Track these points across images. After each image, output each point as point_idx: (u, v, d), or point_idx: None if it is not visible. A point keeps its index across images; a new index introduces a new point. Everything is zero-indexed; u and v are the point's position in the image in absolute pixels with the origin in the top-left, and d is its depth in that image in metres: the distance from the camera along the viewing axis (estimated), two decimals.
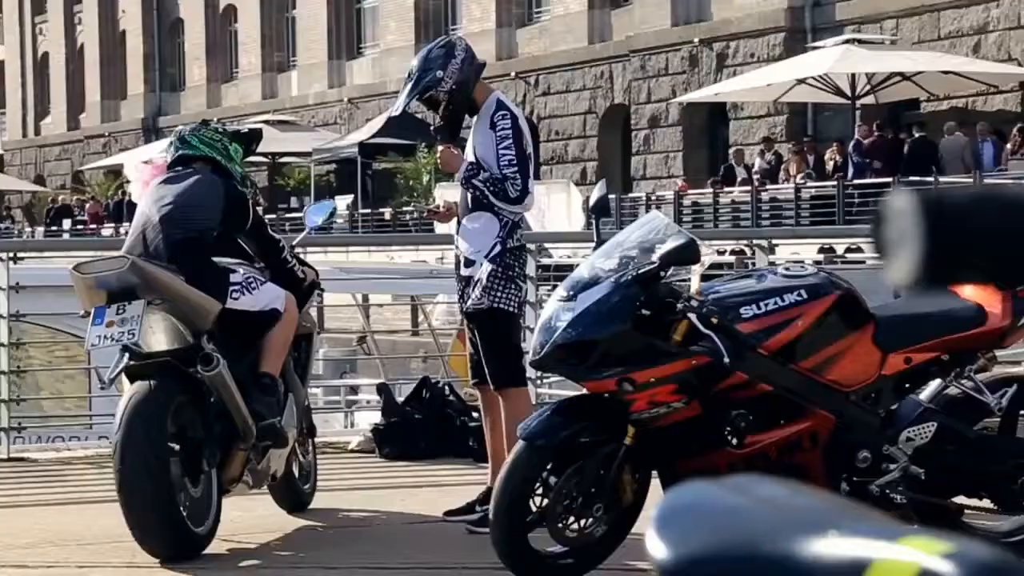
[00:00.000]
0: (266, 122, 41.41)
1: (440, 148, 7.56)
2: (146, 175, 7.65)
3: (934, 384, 6.35)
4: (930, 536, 1.42)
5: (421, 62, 7.40)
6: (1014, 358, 11.10)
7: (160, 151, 7.80)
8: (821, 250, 18.27)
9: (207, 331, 6.78)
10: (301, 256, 7.90)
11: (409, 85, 7.42)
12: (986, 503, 6.38)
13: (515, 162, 7.23)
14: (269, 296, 7.19)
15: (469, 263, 7.35)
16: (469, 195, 7.32)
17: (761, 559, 1.46)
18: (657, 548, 1.49)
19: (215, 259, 7.12)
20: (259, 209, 7.78)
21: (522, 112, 7.71)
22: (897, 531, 1.43)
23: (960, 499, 6.31)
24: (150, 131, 55.31)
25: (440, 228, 15.79)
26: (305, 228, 8.48)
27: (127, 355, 6.67)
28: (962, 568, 1.36)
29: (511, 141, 7.26)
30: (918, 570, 1.38)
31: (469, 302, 7.34)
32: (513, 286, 7.30)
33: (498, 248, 7.27)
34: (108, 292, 6.65)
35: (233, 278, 7.09)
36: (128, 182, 7.95)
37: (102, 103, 59.39)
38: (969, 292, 6.38)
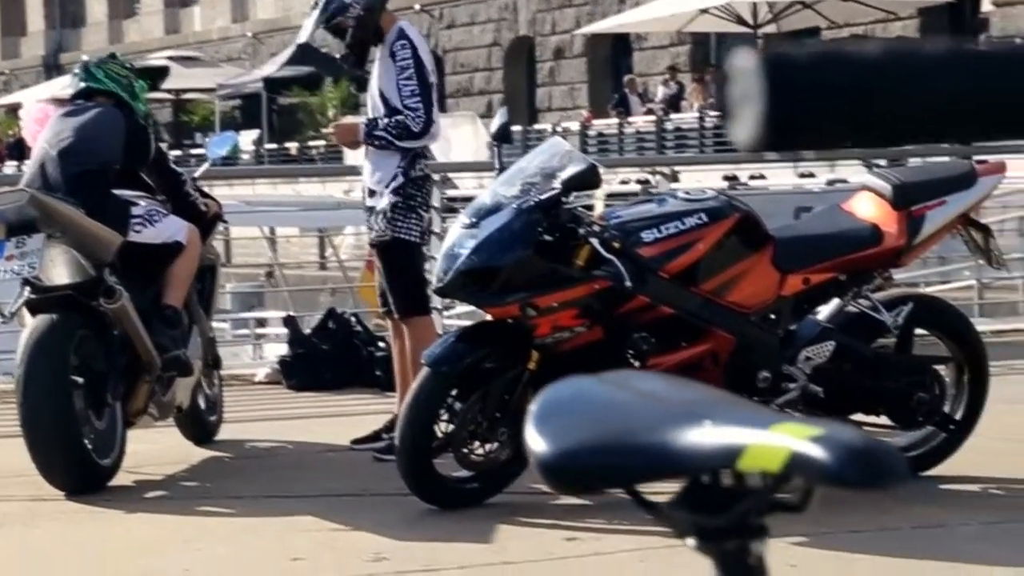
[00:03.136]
0: (170, 58, 41.00)
1: (331, 128, 7.57)
2: (39, 114, 7.59)
3: (832, 304, 6.44)
4: (800, 422, 1.46)
5: None
6: (912, 280, 11.27)
7: (63, 87, 7.75)
8: (725, 178, 18.39)
9: (109, 264, 6.75)
10: (204, 189, 7.87)
11: (316, 12, 7.40)
12: (883, 420, 6.49)
13: (417, 92, 7.21)
14: (171, 228, 7.17)
15: (372, 193, 7.37)
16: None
17: (638, 449, 1.49)
18: (536, 442, 1.52)
19: (116, 192, 7.08)
20: (163, 144, 7.74)
21: (426, 42, 7.68)
22: (769, 418, 1.48)
23: (858, 416, 6.41)
24: (51, 68, 54.57)
25: (348, 159, 15.72)
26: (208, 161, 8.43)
27: (28, 288, 6.64)
28: (829, 450, 1.41)
29: (412, 71, 7.23)
30: (789, 453, 1.43)
31: (373, 233, 7.37)
32: (415, 216, 7.31)
33: (400, 179, 7.27)
34: (7, 225, 6.58)
35: (135, 211, 7.06)
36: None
37: (2, 40, 58.52)
38: (865, 212, 6.47)
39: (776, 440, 1.44)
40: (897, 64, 1.42)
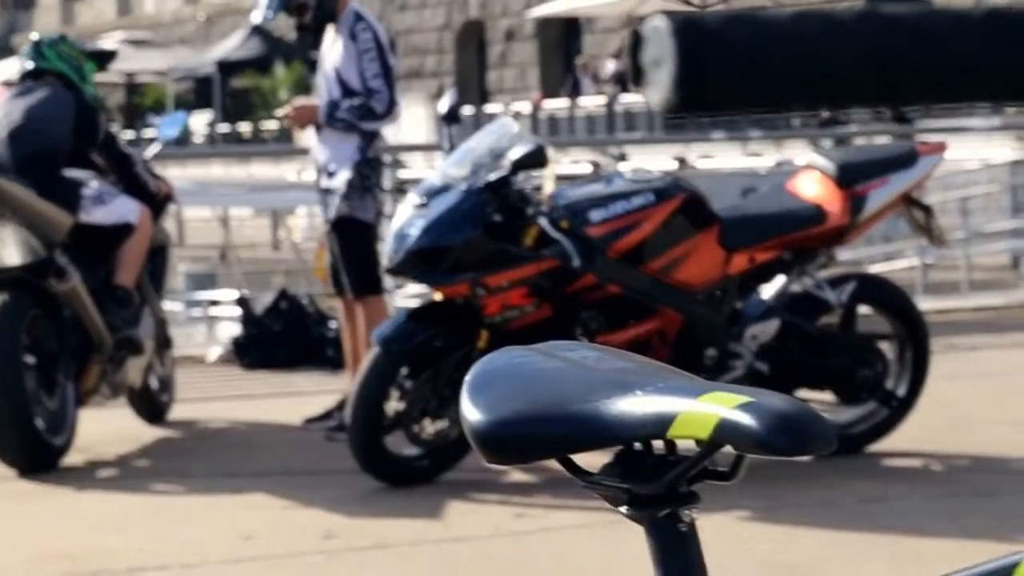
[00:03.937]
0: (122, 41, 40.69)
1: (290, 110, 7.53)
2: None
3: (777, 282, 6.52)
4: (729, 391, 1.51)
5: None
6: (856, 259, 11.37)
7: (16, 69, 7.75)
8: (676, 159, 18.43)
9: (60, 244, 6.77)
10: (155, 170, 7.88)
11: None
12: (828, 396, 6.57)
13: (380, 74, 7.23)
14: (122, 209, 7.19)
15: (330, 174, 7.37)
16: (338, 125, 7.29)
17: (570, 418, 1.53)
18: (470, 412, 1.57)
19: (67, 173, 7.10)
20: (114, 126, 7.74)
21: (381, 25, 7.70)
22: (699, 387, 1.52)
23: (803, 392, 6.49)
24: (2, 50, 54.13)
25: (301, 140, 15.71)
26: (159, 142, 8.44)
27: None
28: (757, 417, 1.46)
29: (375, 52, 7.25)
30: (718, 420, 1.47)
31: (331, 212, 7.35)
32: (370, 196, 7.35)
33: (358, 158, 7.29)
34: None
35: (85, 191, 7.08)
36: None
37: None
38: (809, 191, 6.55)
39: (706, 408, 1.48)
40: (801, 27, 1.45)
